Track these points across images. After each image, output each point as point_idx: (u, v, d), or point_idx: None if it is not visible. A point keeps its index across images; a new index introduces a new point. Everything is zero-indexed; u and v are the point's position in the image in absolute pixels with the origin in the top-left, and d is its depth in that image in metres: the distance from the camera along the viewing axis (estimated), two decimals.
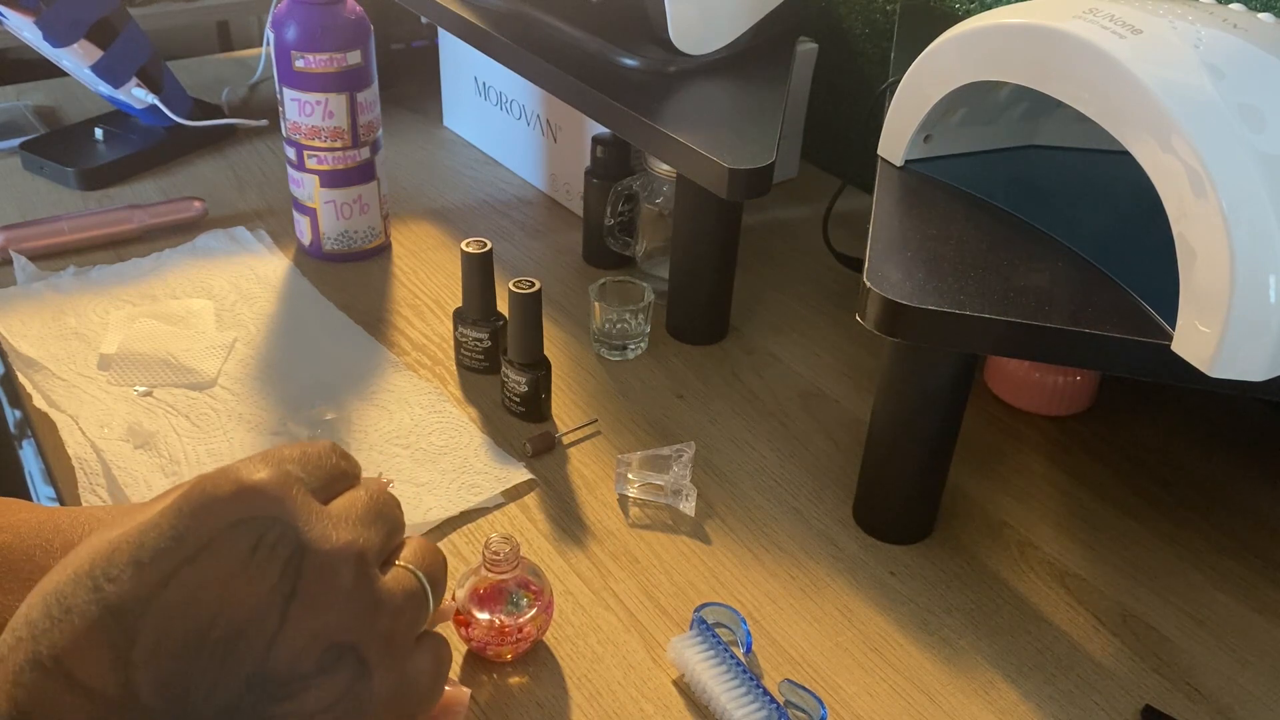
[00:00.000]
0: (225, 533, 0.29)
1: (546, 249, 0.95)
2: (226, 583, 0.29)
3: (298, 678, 0.30)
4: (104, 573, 0.29)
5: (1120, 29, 0.52)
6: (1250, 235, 0.47)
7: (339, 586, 0.31)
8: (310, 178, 0.86)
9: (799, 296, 0.90)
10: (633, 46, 0.83)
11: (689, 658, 0.55)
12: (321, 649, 0.30)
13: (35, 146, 1.01)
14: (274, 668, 0.29)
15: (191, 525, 0.30)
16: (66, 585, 0.29)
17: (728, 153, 0.69)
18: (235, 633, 0.29)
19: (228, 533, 0.30)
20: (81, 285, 0.84)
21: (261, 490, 0.31)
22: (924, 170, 0.67)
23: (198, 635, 0.28)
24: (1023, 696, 0.57)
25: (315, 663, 0.30)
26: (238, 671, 0.29)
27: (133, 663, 0.28)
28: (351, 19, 0.82)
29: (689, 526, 0.66)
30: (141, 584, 0.29)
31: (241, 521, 0.30)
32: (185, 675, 0.28)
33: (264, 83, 1.20)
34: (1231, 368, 0.49)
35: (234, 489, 0.30)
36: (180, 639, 0.28)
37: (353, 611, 0.31)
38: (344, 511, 0.33)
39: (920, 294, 0.54)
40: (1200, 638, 0.61)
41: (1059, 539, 0.67)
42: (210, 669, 0.28)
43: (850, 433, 0.75)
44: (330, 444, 0.36)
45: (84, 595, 0.29)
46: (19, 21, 0.94)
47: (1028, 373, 0.77)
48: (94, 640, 0.28)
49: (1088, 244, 0.59)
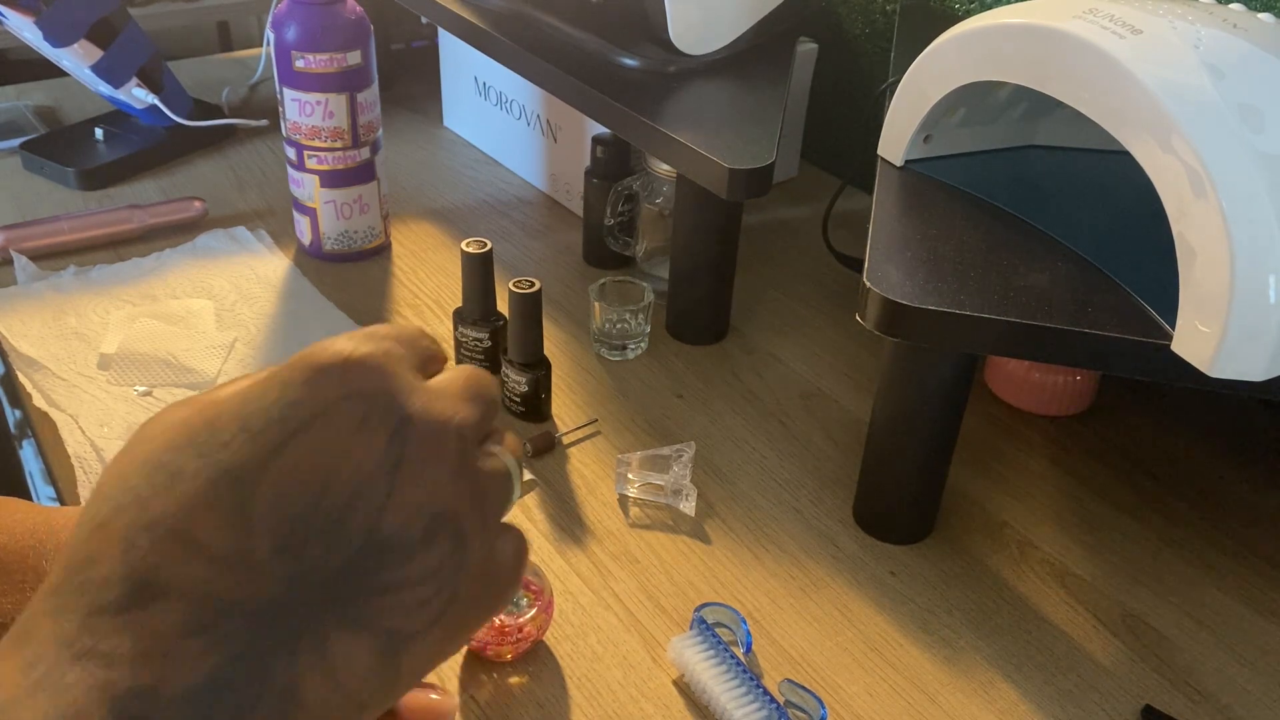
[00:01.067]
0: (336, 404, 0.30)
1: (546, 249, 0.95)
2: (338, 450, 0.30)
3: (406, 544, 0.30)
4: (209, 440, 0.29)
5: (1120, 29, 0.52)
6: (1250, 235, 0.47)
7: (442, 457, 0.31)
8: (310, 178, 0.86)
9: (799, 296, 0.90)
10: (633, 46, 0.83)
11: (689, 658, 0.55)
12: (427, 517, 0.31)
13: (35, 146, 1.01)
14: (384, 534, 0.30)
15: (303, 395, 0.30)
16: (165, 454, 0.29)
17: (728, 153, 0.69)
18: (348, 498, 0.29)
19: (339, 404, 0.30)
20: (82, 285, 0.84)
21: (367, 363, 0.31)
22: (924, 170, 0.67)
23: (312, 500, 0.29)
24: (1023, 696, 0.57)
25: (421, 530, 0.30)
26: (350, 537, 0.29)
27: (251, 524, 0.28)
28: (351, 19, 0.82)
29: (689, 526, 0.66)
30: (256, 449, 0.29)
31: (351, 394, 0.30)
32: (301, 539, 0.29)
33: (264, 83, 1.20)
34: (1231, 368, 0.49)
35: (342, 361, 0.31)
36: (296, 502, 0.29)
37: (454, 483, 0.32)
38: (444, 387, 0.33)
39: (920, 294, 0.54)
40: (1200, 638, 0.61)
41: (1059, 539, 0.67)
42: (325, 533, 0.29)
43: (850, 433, 0.75)
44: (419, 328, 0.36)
45: (192, 460, 0.29)
46: (19, 21, 0.94)
47: (1028, 373, 0.77)
48: (211, 501, 0.28)
49: (1088, 244, 0.59)
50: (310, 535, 0.29)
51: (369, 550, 0.29)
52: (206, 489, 0.28)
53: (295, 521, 0.29)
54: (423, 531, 0.30)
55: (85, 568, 0.28)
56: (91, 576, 0.28)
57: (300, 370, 0.30)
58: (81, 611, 0.27)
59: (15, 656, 0.27)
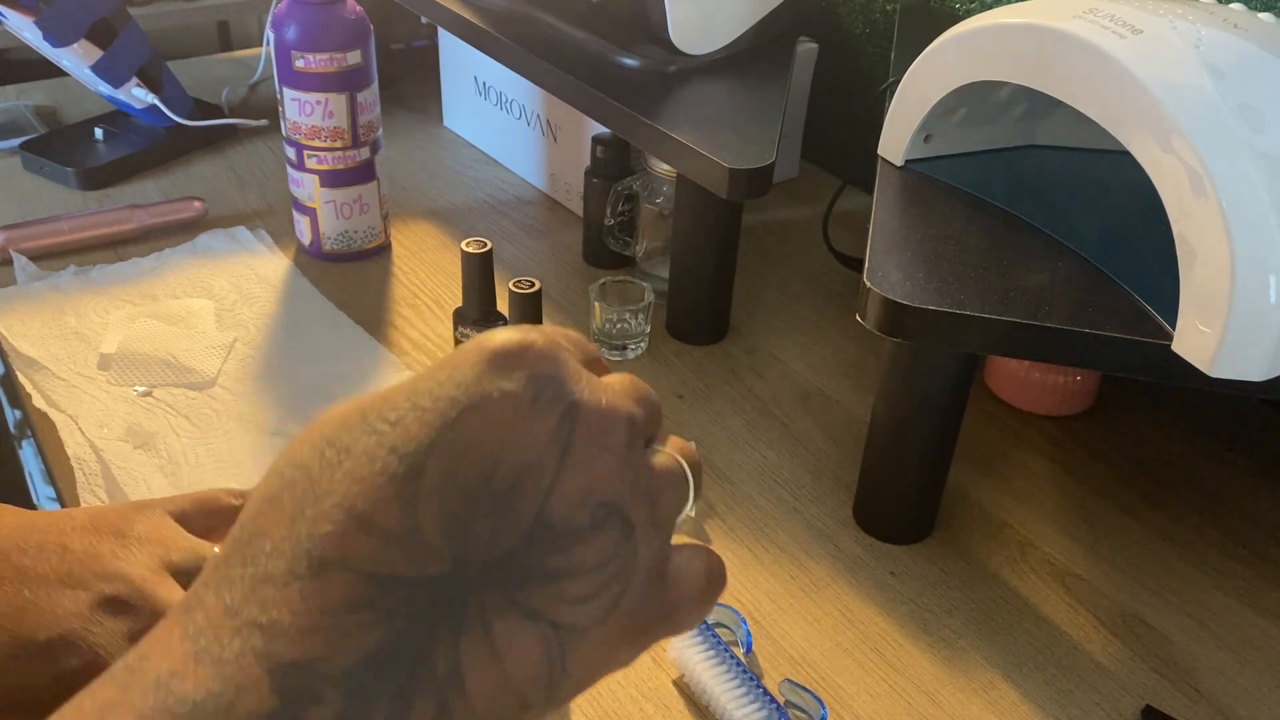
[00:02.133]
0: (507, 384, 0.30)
1: (546, 249, 0.95)
2: (508, 429, 0.30)
3: (572, 530, 0.30)
4: (379, 416, 0.29)
5: (1120, 29, 0.52)
6: (1250, 235, 0.47)
7: (610, 445, 0.31)
8: (310, 178, 0.86)
9: (799, 296, 0.90)
10: (633, 46, 0.83)
11: (689, 658, 0.55)
12: (594, 504, 0.30)
13: (35, 146, 1.01)
14: (551, 518, 0.30)
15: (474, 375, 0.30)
16: (335, 431, 0.29)
17: (728, 153, 0.69)
18: (516, 479, 0.29)
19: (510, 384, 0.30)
20: (81, 285, 0.84)
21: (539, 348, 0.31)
22: (924, 170, 0.67)
23: (481, 478, 0.29)
24: (1023, 696, 0.57)
25: (589, 517, 0.30)
26: (518, 519, 0.29)
27: (420, 500, 0.28)
28: (351, 19, 0.82)
29: (689, 526, 0.66)
30: (425, 425, 0.29)
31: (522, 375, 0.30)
32: (469, 518, 0.28)
33: (264, 83, 1.20)
34: (1231, 367, 0.49)
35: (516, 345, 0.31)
36: (465, 480, 0.29)
37: (622, 472, 0.32)
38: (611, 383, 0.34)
39: (920, 294, 0.54)
40: (1200, 638, 0.61)
41: (1059, 539, 0.67)
42: (493, 513, 0.29)
43: (850, 433, 0.75)
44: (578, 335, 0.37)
45: (362, 437, 0.29)
46: (19, 21, 0.94)
47: (1028, 373, 0.77)
48: (378, 476, 0.28)
49: (1088, 244, 0.59)
50: (478, 514, 0.29)
51: (536, 533, 0.29)
52: (374, 464, 0.28)
53: (463, 499, 0.28)
54: (589, 518, 0.30)
55: (252, 540, 0.28)
56: (259, 549, 0.28)
57: (472, 353, 0.31)
58: (247, 582, 0.27)
59: (179, 626, 0.27)
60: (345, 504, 0.28)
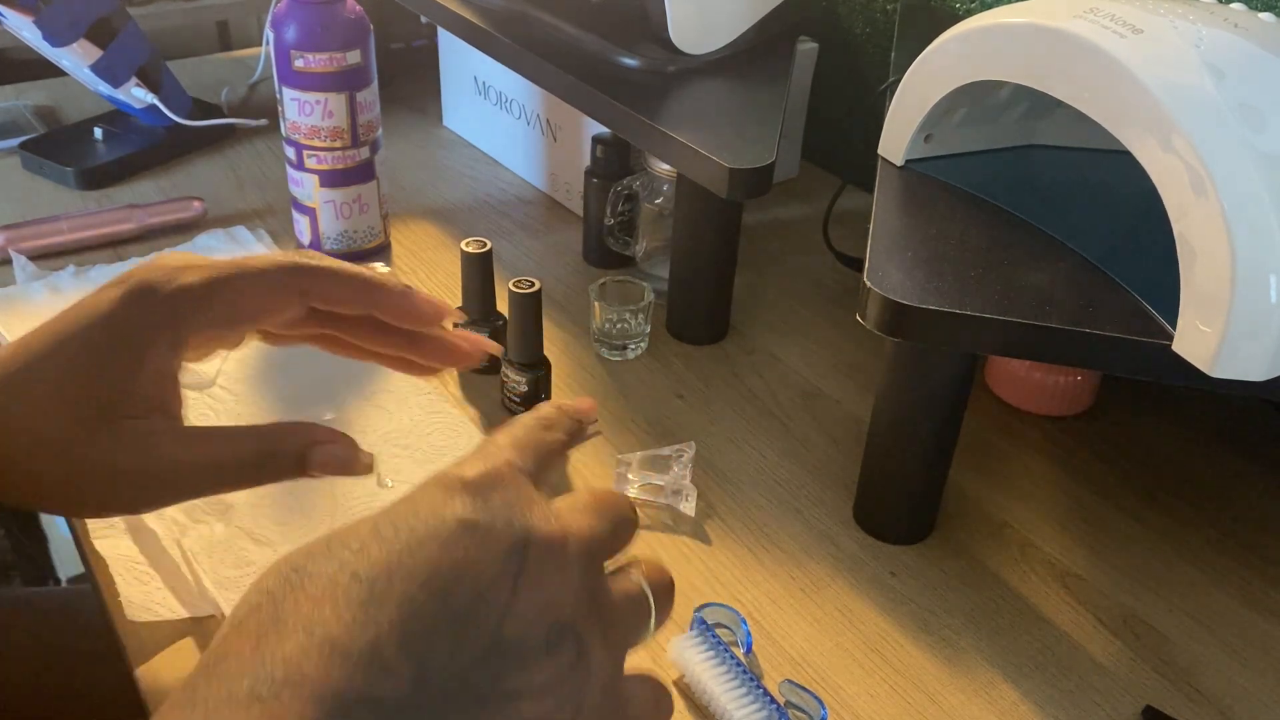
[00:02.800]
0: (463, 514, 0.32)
1: (546, 249, 0.95)
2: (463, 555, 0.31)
3: (528, 650, 0.31)
4: (342, 544, 0.31)
5: (1121, 28, 0.52)
6: (1251, 235, 0.47)
7: (563, 565, 0.33)
8: (310, 177, 0.86)
9: (799, 296, 0.90)
10: (633, 46, 0.83)
11: (689, 658, 0.55)
12: (548, 625, 0.32)
13: (35, 146, 1.01)
14: (507, 638, 0.31)
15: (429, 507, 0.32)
16: (301, 558, 0.31)
17: (728, 152, 0.69)
18: (471, 601, 0.31)
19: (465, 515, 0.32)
20: (81, 285, 0.84)
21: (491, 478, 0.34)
22: (924, 170, 0.67)
23: (438, 600, 0.30)
24: (1023, 696, 0.57)
25: (543, 638, 0.32)
26: (474, 640, 0.30)
27: (379, 621, 0.29)
28: (351, 18, 0.82)
29: (689, 526, 0.66)
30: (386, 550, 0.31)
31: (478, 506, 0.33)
32: (428, 639, 0.30)
33: (264, 82, 1.20)
34: (1232, 367, 0.49)
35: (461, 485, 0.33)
36: (422, 601, 0.30)
37: (578, 593, 0.33)
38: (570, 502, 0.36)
39: (921, 294, 0.54)
40: (1200, 638, 0.61)
41: (1059, 539, 0.67)
42: (451, 633, 0.30)
43: (850, 433, 0.75)
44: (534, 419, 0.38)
45: (325, 563, 0.31)
46: (18, 21, 0.94)
47: (1028, 373, 0.76)
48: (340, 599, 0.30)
49: (1088, 244, 0.59)
50: (436, 634, 0.30)
51: (493, 653, 0.30)
52: (335, 587, 0.30)
53: (421, 620, 0.30)
54: (544, 639, 0.32)
55: (220, 662, 0.29)
56: (226, 669, 0.29)
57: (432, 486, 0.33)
58: (211, 703, 0.28)
59: None
60: (306, 625, 0.29)
